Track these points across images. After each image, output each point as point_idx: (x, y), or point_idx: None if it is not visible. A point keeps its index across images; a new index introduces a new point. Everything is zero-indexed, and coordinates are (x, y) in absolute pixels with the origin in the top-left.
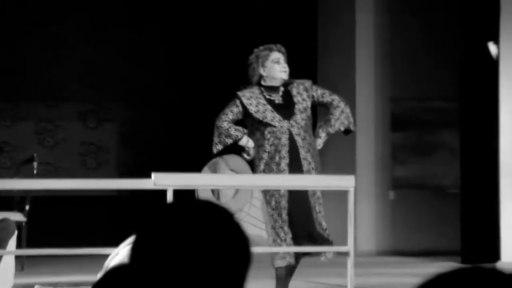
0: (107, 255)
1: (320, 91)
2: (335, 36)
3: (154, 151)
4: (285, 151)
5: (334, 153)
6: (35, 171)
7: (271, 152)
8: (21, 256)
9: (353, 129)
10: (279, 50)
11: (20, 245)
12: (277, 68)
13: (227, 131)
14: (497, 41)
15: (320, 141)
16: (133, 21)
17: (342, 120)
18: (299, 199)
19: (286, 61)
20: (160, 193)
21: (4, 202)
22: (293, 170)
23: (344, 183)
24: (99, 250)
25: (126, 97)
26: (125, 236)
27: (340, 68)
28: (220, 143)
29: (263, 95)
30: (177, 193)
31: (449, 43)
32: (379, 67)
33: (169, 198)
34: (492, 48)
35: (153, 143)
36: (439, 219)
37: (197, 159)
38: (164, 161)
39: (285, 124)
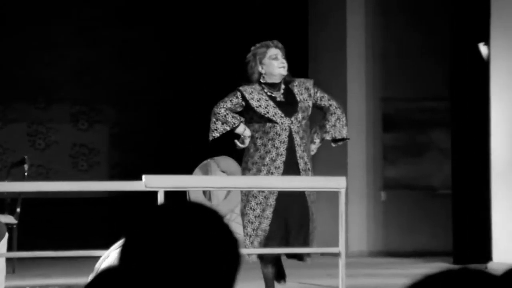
0: (98, 257)
1: (319, 94)
2: (326, 36)
3: (145, 152)
4: (283, 149)
5: (325, 153)
6: (26, 173)
7: (267, 146)
8: (12, 259)
9: (349, 138)
10: (276, 46)
11: (11, 248)
12: (275, 64)
13: (224, 118)
14: (487, 42)
15: (314, 147)
16: (124, 22)
17: (339, 128)
18: (295, 199)
19: (284, 57)
20: (151, 194)
21: None
22: (289, 168)
23: (335, 184)
24: (90, 252)
25: (117, 99)
26: (116, 238)
27: (331, 68)
28: (217, 130)
29: (264, 92)
30: (168, 195)
31: (440, 44)
32: (370, 67)
33: (160, 199)
34: (483, 49)
35: (144, 144)
36: (431, 219)
37: (188, 160)
38: (156, 162)
39: (286, 121)
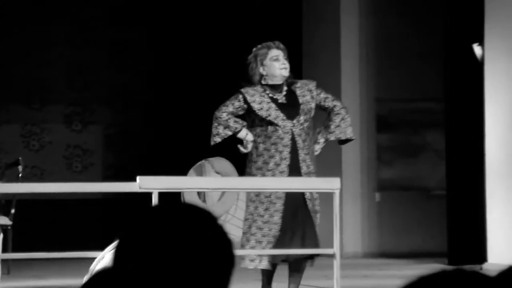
0: (93, 258)
1: (323, 95)
2: (320, 37)
3: (140, 153)
4: (287, 152)
5: (319, 154)
6: (20, 174)
7: (270, 150)
8: (7, 260)
9: (354, 138)
10: (278, 47)
11: (6, 249)
12: (277, 66)
13: (226, 122)
14: (482, 43)
15: (318, 147)
16: (118, 23)
17: (343, 129)
18: (299, 204)
19: (287, 58)
20: (146, 196)
21: None
22: (292, 172)
23: (330, 185)
24: (85, 254)
25: (112, 100)
26: (110, 239)
27: (325, 69)
28: (218, 135)
29: (266, 94)
30: (163, 196)
31: (434, 45)
32: (364, 68)
33: (154, 201)
34: (477, 49)
35: (138, 145)
36: (425, 220)
37: (182, 161)
38: (150, 163)
39: (288, 124)
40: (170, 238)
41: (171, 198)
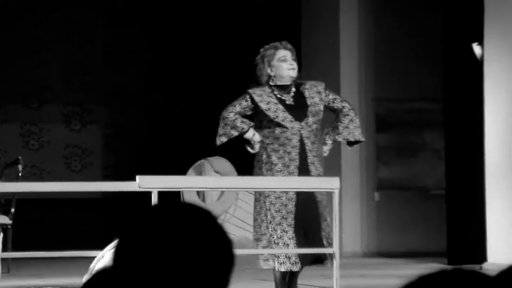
0: (93, 257)
1: (331, 96)
2: (318, 37)
3: (139, 153)
4: (295, 154)
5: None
6: (19, 174)
7: (279, 152)
8: (6, 259)
9: (363, 140)
10: (285, 47)
11: (5, 248)
12: (284, 66)
13: (233, 123)
14: (481, 42)
15: (326, 148)
16: (116, 22)
17: (351, 130)
18: (308, 204)
19: (295, 58)
20: (145, 195)
21: None
22: (301, 174)
23: (329, 184)
24: (84, 253)
25: (110, 99)
26: (110, 239)
27: (324, 69)
28: (225, 135)
29: (274, 94)
30: (162, 195)
31: (433, 44)
32: (363, 68)
33: (153, 200)
34: (477, 49)
35: (137, 145)
36: (424, 220)
37: (182, 161)
38: (149, 163)
39: (296, 125)
40: (170, 237)
41: (170, 198)
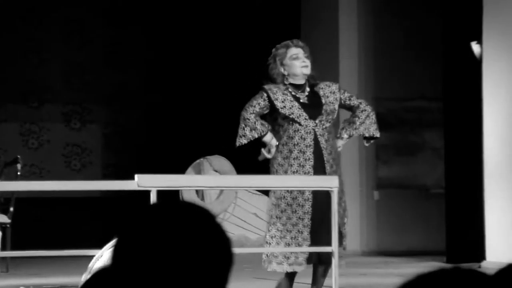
0: (92, 256)
1: (347, 94)
2: (318, 36)
3: (138, 152)
4: (310, 152)
5: None
6: (19, 172)
7: (294, 152)
8: (5, 258)
9: (378, 136)
10: (296, 45)
11: (4, 247)
12: (297, 64)
13: (254, 125)
14: (480, 41)
15: (341, 143)
16: (116, 22)
17: (367, 126)
18: (323, 204)
19: (308, 55)
20: (144, 194)
21: None
22: (316, 173)
23: (328, 183)
24: (83, 252)
25: (110, 98)
26: (109, 238)
27: (323, 69)
28: (245, 136)
29: (288, 92)
30: (161, 194)
31: (432, 43)
32: (362, 67)
33: (152, 199)
34: (475, 48)
35: (137, 144)
36: (424, 218)
37: (181, 159)
38: (148, 162)
39: (310, 123)
40: (168, 236)
41: (169, 196)
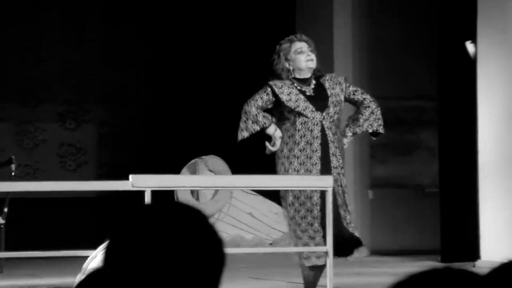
0: (86, 257)
1: (352, 88)
2: (312, 35)
3: (133, 152)
4: (317, 144)
5: None
6: (13, 173)
7: (300, 144)
8: (0, 258)
9: (382, 131)
10: (300, 39)
11: None
12: (302, 58)
13: (255, 117)
14: (474, 41)
15: (346, 141)
16: (112, 21)
17: (371, 122)
18: (335, 194)
19: (312, 49)
20: (139, 194)
21: None
22: (323, 165)
23: (323, 183)
24: (78, 252)
25: (105, 98)
26: (103, 238)
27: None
28: (247, 130)
29: (294, 86)
30: (156, 194)
31: (427, 43)
32: (357, 66)
33: (147, 199)
34: (470, 47)
35: (132, 144)
36: (418, 218)
37: (176, 159)
38: (143, 162)
39: (317, 115)
40: (160, 237)
41: (164, 197)
